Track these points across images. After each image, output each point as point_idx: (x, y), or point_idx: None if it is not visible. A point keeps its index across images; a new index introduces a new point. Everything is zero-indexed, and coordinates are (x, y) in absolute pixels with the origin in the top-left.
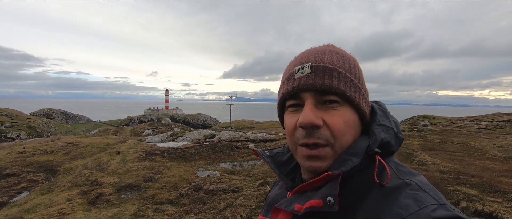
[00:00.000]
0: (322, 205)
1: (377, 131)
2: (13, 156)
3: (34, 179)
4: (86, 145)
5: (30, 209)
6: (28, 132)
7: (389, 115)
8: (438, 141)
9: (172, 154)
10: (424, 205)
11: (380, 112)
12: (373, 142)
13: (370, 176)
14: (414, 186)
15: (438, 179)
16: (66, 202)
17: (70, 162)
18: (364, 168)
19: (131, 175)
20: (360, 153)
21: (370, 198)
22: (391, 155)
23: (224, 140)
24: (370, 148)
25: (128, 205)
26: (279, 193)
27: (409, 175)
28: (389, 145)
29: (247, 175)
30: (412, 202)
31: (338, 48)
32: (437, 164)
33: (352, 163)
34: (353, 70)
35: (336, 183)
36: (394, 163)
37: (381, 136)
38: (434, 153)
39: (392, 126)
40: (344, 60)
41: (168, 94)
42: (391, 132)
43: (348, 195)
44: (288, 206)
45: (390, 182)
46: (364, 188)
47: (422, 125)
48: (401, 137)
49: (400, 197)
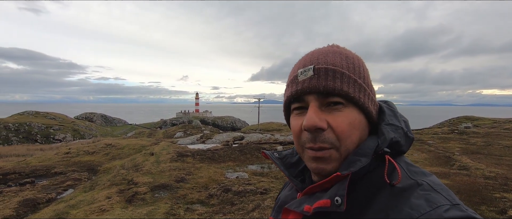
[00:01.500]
0: (330, 205)
1: (386, 130)
2: (60, 156)
3: (78, 178)
4: (123, 146)
5: (74, 205)
6: (72, 134)
7: (398, 114)
8: (482, 144)
9: (202, 156)
10: (436, 206)
11: (389, 111)
12: (382, 141)
13: (380, 177)
14: (425, 186)
15: (482, 185)
16: (106, 199)
17: (109, 162)
18: (374, 168)
19: (164, 175)
20: (369, 153)
21: (380, 199)
22: (401, 155)
23: (252, 142)
24: (379, 148)
25: (161, 204)
26: (289, 195)
27: (420, 175)
28: (399, 145)
29: (275, 177)
30: (423, 203)
31: (342, 49)
32: (481, 169)
33: (361, 163)
34: (357, 71)
35: (345, 183)
36: (404, 163)
37: (390, 135)
38: (477, 157)
39: (401, 125)
40: (348, 60)
41: (198, 98)
42: (400, 131)
43: (358, 196)
44: (298, 207)
45: (401, 182)
46: (374, 189)
47: (464, 126)
48: (411, 136)
49: (411, 197)
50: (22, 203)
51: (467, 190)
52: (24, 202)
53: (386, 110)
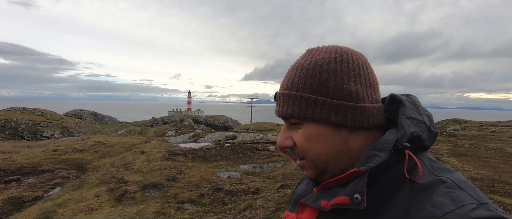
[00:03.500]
0: (349, 202)
1: (406, 124)
2: (47, 153)
3: (66, 176)
4: (113, 144)
5: (62, 204)
6: (61, 131)
7: (420, 108)
8: (470, 146)
9: (194, 155)
10: (461, 204)
11: (410, 104)
12: (402, 136)
13: (400, 172)
14: (450, 184)
15: None
16: (94, 198)
17: (98, 160)
18: (394, 163)
19: (155, 174)
20: (387, 147)
21: (400, 195)
22: (424, 150)
23: (245, 142)
24: (398, 143)
25: (151, 203)
26: (306, 189)
27: (444, 171)
28: (420, 139)
29: (267, 177)
30: (448, 201)
31: (308, 56)
32: (469, 171)
33: (379, 158)
34: (308, 82)
35: (363, 180)
36: (427, 159)
37: (410, 129)
38: (465, 159)
39: (423, 119)
40: (301, 74)
41: (190, 97)
42: (422, 126)
43: (377, 192)
44: (314, 202)
45: (422, 179)
46: (394, 185)
47: (452, 129)
48: (435, 131)
49: (434, 194)
50: (7, 201)
51: None
52: (9, 200)
53: (407, 103)
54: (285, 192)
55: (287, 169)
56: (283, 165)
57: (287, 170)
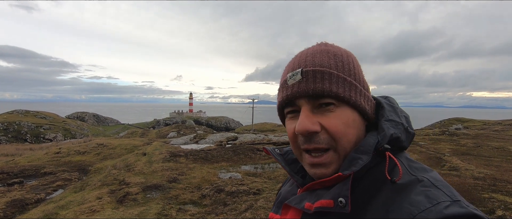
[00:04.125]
0: (333, 205)
1: (386, 126)
2: (50, 156)
3: (68, 178)
4: (115, 146)
5: (64, 206)
6: (63, 134)
7: (398, 110)
8: (472, 145)
9: (195, 156)
10: (436, 202)
11: (389, 107)
12: (382, 138)
13: (381, 173)
14: (426, 182)
15: (472, 185)
16: (96, 200)
17: (100, 162)
18: (375, 165)
19: (156, 176)
20: (369, 150)
21: (381, 195)
22: (402, 150)
23: (246, 143)
24: (379, 145)
25: (153, 204)
26: (289, 190)
27: (421, 171)
28: (399, 141)
29: (268, 178)
30: (423, 199)
31: (331, 46)
32: (471, 170)
33: (362, 161)
34: (347, 68)
35: (347, 184)
36: (405, 159)
37: (390, 131)
38: (467, 158)
39: (401, 121)
40: (336, 58)
41: (192, 98)
42: (400, 127)
43: (359, 194)
44: (298, 203)
45: (401, 179)
46: (375, 186)
47: (454, 128)
48: (412, 132)
49: (412, 194)
50: (10, 204)
51: (457, 191)
52: (12, 203)
53: (386, 105)
54: None
55: None
56: None
57: None
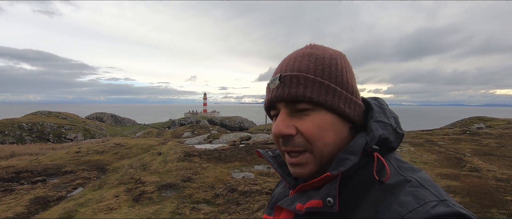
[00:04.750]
0: (322, 205)
1: (374, 127)
2: (70, 155)
3: (87, 177)
4: (132, 146)
5: (83, 203)
6: (83, 134)
7: (387, 111)
8: (495, 145)
9: (209, 156)
10: (423, 202)
11: (377, 108)
12: (371, 139)
13: (370, 174)
14: (414, 183)
15: (493, 187)
16: (114, 198)
17: (117, 162)
18: (364, 165)
19: (171, 175)
20: (357, 151)
21: (370, 196)
22: (392, 151)
23: (259, 142)
24: (368, 145)
25: (167, 203)
26: (282, 192)
27: (410, 171)
28: (388, 141)
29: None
30: (411, 199)
31: (317, 48)
32: (493, 171)
33: (350, 162)
34: (327, 71)
35: (335, 184)
36: (395, 160)
37: (378, 132)
38: (489, 159)
39: (390, 122)
40: (317, 62)
41: (206, 98)
42: (389, 128)
43: (348, 194)
44: (290, 205)
45: (390, 179)
46: (364, 186)
47: (476, 127)
48: (401, 132)
49: (400, 194)
50: (34, 201)
51: (478, 192)
52: (35, 200)
53: (375, 106)
54: None
55: None
56: None
57: None
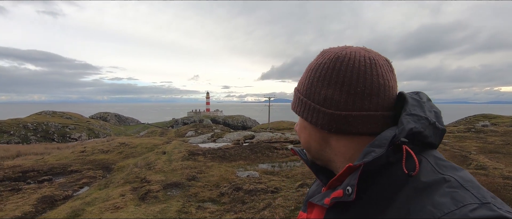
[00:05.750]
0: (342, 195)
1: (405, 120)
2: (76, 154)
3: (93, 176)
4: (136, 145)
5: (90, 202)
6: (88, 133)
7: (425, 104)
8: (501, 143)
9: (213, 154)
10: (462, 204)
11: (413, 101)
12: (400, 131)
13: (401, 170)
14: (453, 183)
15: (501, 185)
16: (120, 197)
17: (122, 161)
18: (395, 162)
19: (176, 174)
20: (384, 143)
21: (402, 194)
22: (431, 148)
23: (263, 141)
24: (396, 138)
25: (173, 202)
26: (316, 190)
27: (450, 170)
28: (422, 136)
29: (286, 176)
30: (449, 201)
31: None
32: (500, 169)
33: (375, 153)
34: (301, 83)
35: (356, 174)
36: (433, 157)
37: (409, 125)
38: (496, 157)
39: (426, 115)
40: (303, 77)
41: (209, 97)
42: (424, 122)
43: (378, 189)
44: (320, 200)
45: (426, 177)
46: (396, 183)
47: (481, 125)
48: (441, 127)
49: (436, 194)
50: (41, 200)
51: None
52: (42, 199)
53: (410, 100)
54: (304, 191)
55: (306, 168)
56: (302, 164)
57: (306, 169)
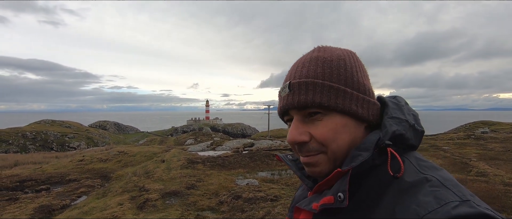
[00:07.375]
0: (334, 201)
1: (388, 123)
2: (74, 163)
3: (91, 185)
4: (135, 153)
5: (88, 212)
6: (87, 142)
7: (404, 108)
8: (501, 149)
9: (213, 163)
10: (444, 202)
11: (393, 104)
12: (384, 134)
13: (387, 173)
14: (435, 182)
15: (502, 191)
16: (118, 206)
17: (121, 169)
18: (380, 164)
19: (175, 182)
20: (370, 147)
21: (388, 195)
22: (412, 149)
23: (263, 149)
24: (381, 141)
25: (172, 211)
26: (301, 194)
27: (431, 169)
28: (404, 138)
29: (285, 184)
30: (432, 200)
31: (324, 51)
32: (501, 175)
33: (362, 157)
34: (336, 73)
35: (346, 179)
36: (415, 158)
37: (392, 128)
38: (496, 163)
39: (406, 118)
40: (325, 65)
41: (208, 105)
42: (405, 124)
43: (365, 192)
44: (307, 205)
45: (409, 177)
46: (382, 185)
47: (481, 131)
48: (420, 129)
49: (419, 194)
50: (38, 210)
51: (486, 197)
52: (39, 209)
53: (390, 103)
54: None
55: None
56: None
57: None
